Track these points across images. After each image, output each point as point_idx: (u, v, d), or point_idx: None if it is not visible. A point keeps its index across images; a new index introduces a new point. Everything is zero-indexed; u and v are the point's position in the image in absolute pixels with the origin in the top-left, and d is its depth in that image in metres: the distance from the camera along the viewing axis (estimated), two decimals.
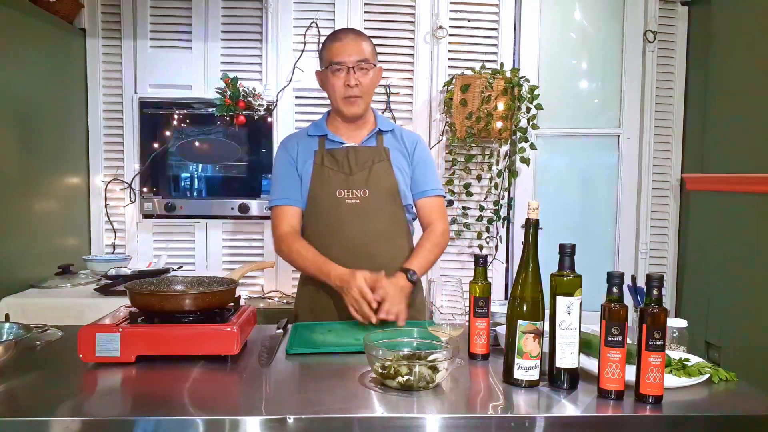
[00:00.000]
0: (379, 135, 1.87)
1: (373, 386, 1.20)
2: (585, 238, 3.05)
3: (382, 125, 1.89)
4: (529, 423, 1.07)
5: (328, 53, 1.80)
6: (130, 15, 2.89)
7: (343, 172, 1.80)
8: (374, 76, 1.83)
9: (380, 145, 1.86)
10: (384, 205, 1.81)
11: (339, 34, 1.82)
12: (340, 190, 1.79)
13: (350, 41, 1.78)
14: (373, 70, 1.82)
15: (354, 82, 1.77)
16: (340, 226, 1.78)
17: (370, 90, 1.83)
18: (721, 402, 1.20)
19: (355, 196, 1.79)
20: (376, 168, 1.81)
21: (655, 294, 1.12)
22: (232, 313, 1.45)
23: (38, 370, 1.31)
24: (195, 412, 1.07)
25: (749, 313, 2.47)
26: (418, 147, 1.90)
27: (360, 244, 1.77)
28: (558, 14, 3.07)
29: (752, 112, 2.52)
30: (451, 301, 1.39)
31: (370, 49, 1.81)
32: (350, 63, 1.76)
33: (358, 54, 1.77)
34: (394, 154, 1.85)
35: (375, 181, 1.80)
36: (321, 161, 1.82)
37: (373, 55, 1.83)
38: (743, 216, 2.54)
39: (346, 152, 1.82)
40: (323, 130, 1.87)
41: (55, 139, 2.65)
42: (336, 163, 1.81)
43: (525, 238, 1.24)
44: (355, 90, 1.78)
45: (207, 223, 2.97)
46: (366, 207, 1.79)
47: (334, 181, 1.80)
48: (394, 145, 1.87)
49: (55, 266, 2.44)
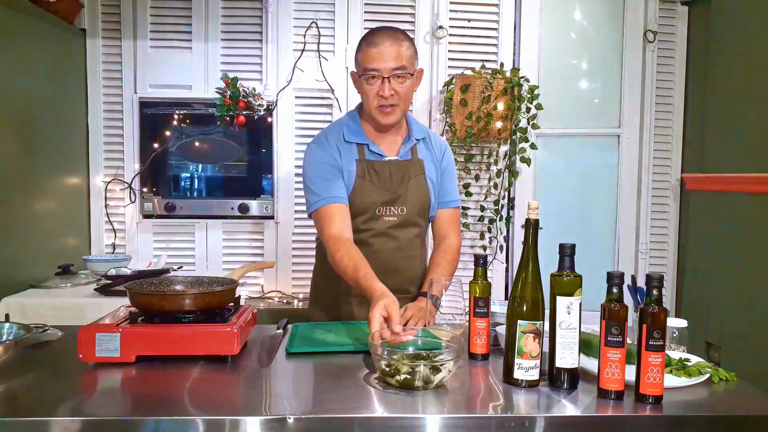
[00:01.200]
0: (414, 146, 1.79)
1: (375, 383, 1.21)
2: (585, 238, 3.05)
3: (416, 133, 1.79)
4: (529, 423, 1.07)
5: (362, 58, 1.66)
6: (130, 15, 2.89)
7: (384, 188, 1.72)
8: (412, 82, 1.69)
9: (415, 157, 1.78)
10: (416, 220, 1.78)
11: (375, 38, 1.65)
12: (380, 208, 1.73)
13: (387, 47, 1.62)
14: (412, 77, 1.68)
15: (389, 92, 1.64)
16: (376, 240, 1.74)
17: (407, 97, 1.70)
18: (721, 402, 1.20)
19: (392, 214, 1.74)
20: (412, 183, 1.75)
21: (655, 294, 1.12)
22: (232, 313, 1.44)
23: (38, 370, 1.31)
24: (195, 412, 1.07)
25: (749, 313, 2.47)
26: (446, 155, 1.85)
27: (392, 258, 1.76)
28: (558, 14, 3.07)
29: (752, 112, 2.52)
30: (452, 301, 1.39)
31: (410, 53, 1.66)
32: (386, 72, 1.63)
33: (396, 61, 1.63)
34: (428, 165, 1.79)
35: (412, 198, 1.75)
36: (363, 174, 1.71)
37: (413, 58, 1.68)
38: (743, 216, 2.54)
39: (388, 166, 1.73)
40: (362, 138, 1.74)
41: (55, 139, 2.65)
42: (378, 177, 1.72)
43: (525, 238, 1.24)
44: (390, 100, 1.65)
45: (207, 223, 2.97)
46: (401, 224, 1.75)
47: (375, 196, 1.72)
48: (426, 156, 1.80)
49: (55, 266, 2.44)
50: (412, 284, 1.81)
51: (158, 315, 1.38)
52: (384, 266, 1.73)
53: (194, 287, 1.49)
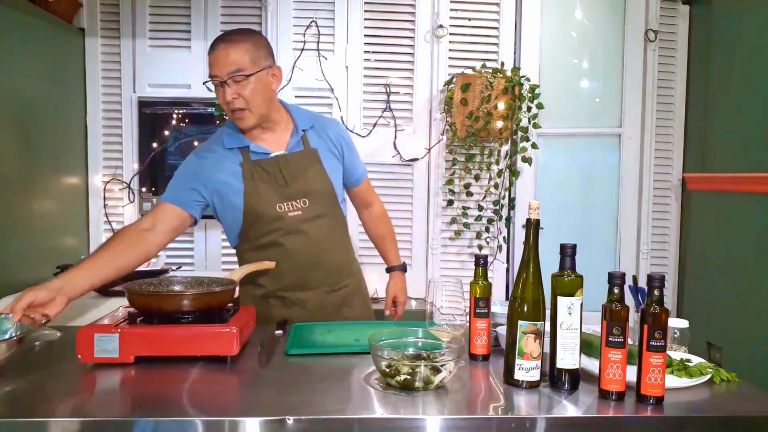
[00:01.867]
0: (303, 136, 1.76)
1: (376, 384, 1.20)
2: (586, 238, 3.05)
3: (302, 123, 1.77)
4: (529, 424, 1.07)
5: (208, 65, 1.65)
6: (129, 14, 2.89)
7: (278, 184, 1.69)
8: (257, 83, 1.63)
9: (307, 147, 1.75)
10: (325, 210, 1.76)
11: (214, 42, 1.64)
12: (280, 204, 1.69)
13: (221, 51, 1.60)
14: (256, 76, 1.62)
15: (230, 96, 1.61)
16: (287, 239, 1.71)
17: (255, 100, 1.64)
18: (723, 403, 1.19)
19: (296, 208, 1.71)
20: (310, 174, 1.73)
21: (656, 294, 1.12)
22: (231, 314, 1.44)
23: (38, 370, 1.30)
24: (194, 412, 1.06)
25: (751, 313, 2.46)
26: (343, 137, 1.84)
27: (309, 254, 1.73)
28: (559, 13, 3.06)
29: (753, 112, 2.51)
30: (452, 301, 1.38)
31: (248, 56, 1.61)
32: (223, 76, 1.60)
33: (231, 65, 1.59)
34: (324, 153, 1.77)
35: (312, 188, 1.72)
36: (251, 176, 1.68)
37: (254, 60, 1.63)
38: (744, 216, 2.53)
39: (276, 162, 1.70)
40: (242, 141, 1.71)
41: (53, 139, 2.65)
42: (268, 175, 1.69)
43: (526, 238, 1.24)
44: (235, 103, 1.62)
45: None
46: (308, 217, 1.72)
47: (270, 195, 1.69)
48: (320, 144, 1.78)
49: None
50: (340, 275, 1.80)
51: (157, 316, 1.37)
52: (301, 265, 1.74)
53: (193, 288, 1.48)
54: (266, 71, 1.66)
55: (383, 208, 2.03)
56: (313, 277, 1.76)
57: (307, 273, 1.74)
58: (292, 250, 1.72)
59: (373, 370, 1.28)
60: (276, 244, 1.72)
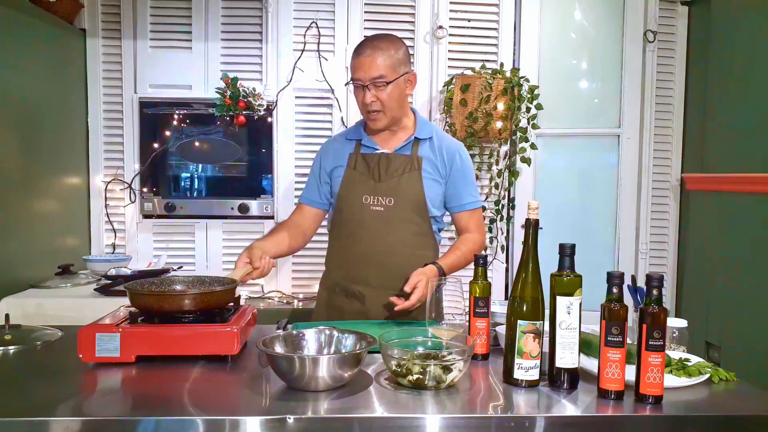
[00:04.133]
0: (416, 143, 1.82)
1: (386, 384, 1.21)
2: (585, 238, 3.05)
3: (420, 132, 1.83)
4: (529, 423, 1.07)
5: (351, 67, 1.77)
6: (130, 15, 2.89)
7: (372, 178, 1.80)
8: (394, 89, 1.73)
9: (414, 153, 1.81)
10: (409, 215, 1.79)
11: (360, 46, 1.76)
12: (366, 196, 1.78)
13: (366, 57, 1.71)
14: (394, 83, 1.73)
15: (370, 99, 1.72)
16: (361, 232, 1.78)
17: (391, 104, 1.75)
18: (721, 402, 1.20)
19: (380, 204, 1.78)
20: (405, 177, 1.79)
21: (655, 294, 1.12)
22: (232, 313, 1.45)
23: (38, 370, 1.31)
24: (195, 412, 1.07)
25: (749, 312, 2.47)
26: (457, 158, 1.83)
27: (379, 252, 1.78)
28: (558, 14, 3.07)
29: (752, 112, 2.52)
30: (452, 301, 1.39)
31: (390, 63, 1.71)
32: (365, 80, 1.71)
33: (374, 70, 1.70)
34: (427, 164, 1.80)
35: (402, 190, 1.78)
36: (354, 165, 1.82)
37: (395, 66, 1.73)
38: (743, 216, 2.54)
39: (378, 158, 1.81)
40: (360, 135, 1.86)
41: (55, 139, 2.65)
42: (367, 168, 1.81)
43: (525, 238, 1.24)
44: (372, 106, 1.74)
45: (207, 224, 2.97)
46: (389, 216, 1.78)
47: (361, 186, 1.80)
48: (429, 155, 1.82)
49: (55, 266, 2.44)
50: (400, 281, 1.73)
51: (158, 315, 1.38)
52: (366, 257, 1.78)
53: (194, 287, 1.48)
54: (403, 77, 1.77)
55: (480, 239, 1.89)
56: (376, 276, 1.78)
57: (370, 267, 1.78)
58: (363, 242, 1.78)
59: (380, 369, 1.28)
60: (352, 233, 1.80)
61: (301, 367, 1.15)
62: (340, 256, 1.86)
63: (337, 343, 1.31)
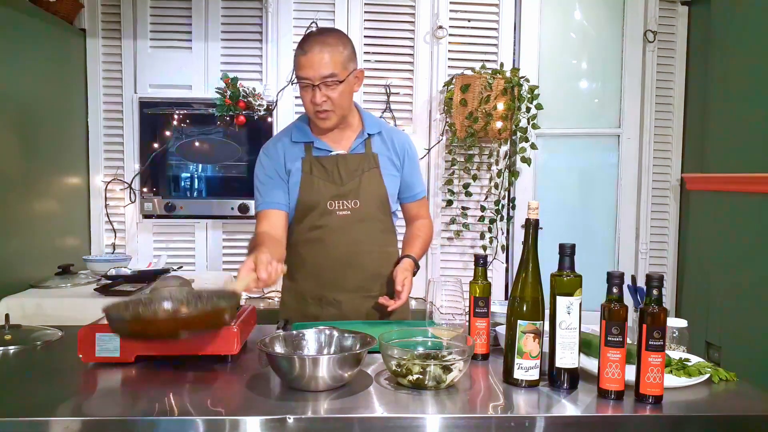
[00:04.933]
0: (367, 140, 1.79)
1: (386, 384, 1.21)
2: (585, 238, 3.05)
3: (369, 128, 1.80)
4: (529, 423, 1.07)
5: (296, 65, 1.67)
6: (130, 15, 2.89)
7: (333, 182, 1.74)
8: (345, 87, 1.67)
9: (369, 151, 1.78)
10: (374, 214, 1.78)
11: (306, 44, 1.65)
12: (331, 201, 1.73)
13: (314, 54, 1.62)
14: (345, 83, 1.66)
15: (320, 99, 1.64)
16: (331, 237, 1.74)
17: (341, 102, 1.68)
18: (721, 402, 1.20)
19: (346, 208, 1.74)
20: (366, 177, 1.76)
21: (655, 294, 1.12)
22: None
23: (38, 370, 1.31)
24: (195, 412, 1.07)
25: (749, 312, 2.47)
26: (409, 151, 1.85)
27: (350, 254, 1.75)
28: (558, 14, 3.07)
29: (752, 112, 2.52)
30: (451, 301, 1.39)
31: (341, 60, 1.64)
32: (315, 80, 1.62)
33: (325, 68, 1.61)
34: (383, 160, 1.79)
35: (365, 190, 1.75)
36: (309, 170, 1.74)
37: (346, 63, 1.66)
38: (743, 216, 2.54)
39: (336, 160, 1.75)
40: (308, 136, 1.77)
41: (55, 139, 2.65)
42: (325, 171, 1.74)
43: (525, 238, 1.24)
44: (323, 106, 1.66)
45: (207, 223, 2.97)
46: (356, 218, 1.75)
47: (324, 191, 1.74)
48: (382, 150, 1.80)
49: (55, 266, 2.44)
50: (375, 281, 1.79)
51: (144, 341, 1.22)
52: (339, 262, 1.75)
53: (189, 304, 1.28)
54: (353, 74, 1.70)
55: (431, 223, 1.95)
56: (352, 279, 1.76)
57: (345, 272, 1.76)
58: (333, 247, 1.75)
59: (380, 369, 1.28)
60: (320, 239, 1.75)
61: (301, 367, 1.14)
62: (307, 264, 1.78)
63: (337, 343, 1.31)
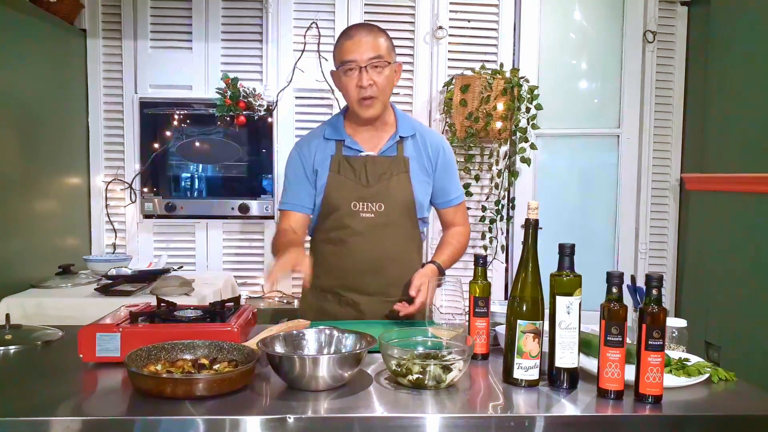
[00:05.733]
0: (400, 142, 1.76)
1: (386, 384, 1.21)
2: (585, 238, 3.05)
3: (403, 130, 1.77)
4: (528, 422, 1.08)
5: (339, 52, 1.68)
6: (130, 15, 2.89)
7: (360, 183, 1.72)
8: (391, 73, 1.69)
9: (400, 154, 1.75)
10: (399, 219, 1.74)
11: (351, 30, 1.70)
12: (355, 203, 1.71)
13: (362, 37, 1.65)
14: (389, 67, 1.68)
15: (367, 82, 1.64)
16: (353, 239, 1.72)
17: (386, 89, 1.69)
18: (721, 402, 1.20)
19: (370, 210, 1.71)
20: (394, 181, 1.72)
21: (654, 294, 1.12)
22: (232, 313, 1.45)
23: (38, 370, 1.31)
24: (195, 411, 1.07)
25: (749, 312, 2.47)
26: (442, 153, 1.81)
27: (371, 258, 1.73)
28: (558, 14, 3.07)
29: (752, 112, 2.52)
30: (451, 301, 1.39)
31: (386, 45, 1.68)
32: (362, 62, 1.64)
33: (372, 50, 1.64)
34: (414, 165, 1.76)
35: (392, 194, 1.72)
36: (338, 169, 1.73)
37: (390, 50, 1.69)
38: (743, 216, 2.54)
39: (364, 162, 1.73)
40: (341, 134, 1.76)
41: (55, 140, 2.66)
42: (353, 172, 1.72)
43: (525, 238, 1.24)
44: (369, 90, 1.65)
45: (207, 223, 2.97)
46: (380, 222, 1.72)
47: (349, 191, 1.71)
48: (414, 155, 1.77)
49: (56, 266, 2.44)
50: (395, 287, 1.74)
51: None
52: (360, 266, 1.73)
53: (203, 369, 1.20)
54: (394, 65, 1.72)
55: (467, 231, 1.90)
56: (372, 283, 1.74)
57: (365, 277, 1.73)
58: (356, 250, 1.72)
59: (380, 369, 1.28)
60: (343, 241, 1.73)
61: (301, 366, 1.15)
62: (329, 263, 1.77)
63: (337, 343, 1.31)
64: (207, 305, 1.54)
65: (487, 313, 1.40)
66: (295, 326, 1.39)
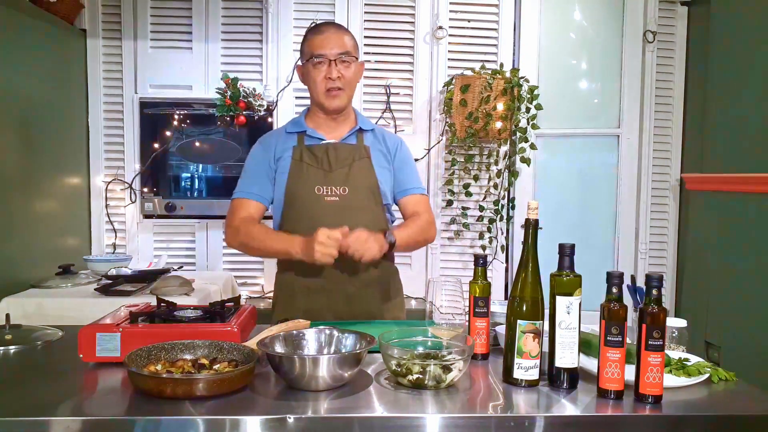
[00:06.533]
0: (360, 133, 1.85)
1: (386, 384, 1.21)
2: (585, 237, 3.05)
3: (363, 124, 1.86)
4: (528, 423, 1.08)
5: (309, 46, 1.78)
6: (130, 15, 2.89)
7: (322, 168, 1.77)
8: (356, 69, 1.80)
9: (360, 142, 1.83)
10: (364, 203, 1.78)
11: (320, 26, 1.81)
12: (319, 187, 1.76)
13: (332, 33, 1.76)
14: (355, 63, 1.79)
15: (336, 74, 1.74)
16: (320, 224, 1.68)
17: (352, 83, 1.80)
18: (721, 402, 1.20)
19: (334, 194, 1.76)
20: (356, 165, 1.79)
21: (654, 294, 1.12)
22: (232, 313, 1.45)
23: (38, 370, 1.31)
24: (195, 411, 1.07)
25: (749, 312, 2.47)
26: (401, 149, 1.88)
27: None
28: (558, 14, 3.07)
29: (752, 112, 2.52)
30: (451, 301, 1.39)
31: (352, 43, 1.79)
32: (332, 55, 1.74)
33: (340, 47, 1.75)
34: (375, 153, 1.83)
35: (355, 178, 1.77)
36: (299, 157, 1.79)
37: (355, 48, 1.81)
38: (743, 216, 2.54)
39: (326, 148, 1.79)
40: (302, 127, 1.84)
41: (55, 140, 2.66)
42: (315, 159, 1.78)
43: (525, 238, 1.24)
44: (337, 82, 1.75)
45: (207, 223, 2.98)
46: (345, 205, 1.76)
47: (312, 177, 1.77)
48: (374, 145, 1.85)
49: (56, 266, 2.44)
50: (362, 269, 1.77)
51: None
52: None
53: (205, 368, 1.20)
54: (360, 63, 1.83)
55: (429, 219, 1.86)
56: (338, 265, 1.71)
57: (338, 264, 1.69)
58: None
59: (380, 369, 1.28)
60: (310, 228, 1.69)
61: (301, 367, 1.15)
62: None
63: (337, 343, 1.31)
64: (207, 305, 1.54)
65: (487, 313, 1.40)
66: (295, 326, 1.39)
